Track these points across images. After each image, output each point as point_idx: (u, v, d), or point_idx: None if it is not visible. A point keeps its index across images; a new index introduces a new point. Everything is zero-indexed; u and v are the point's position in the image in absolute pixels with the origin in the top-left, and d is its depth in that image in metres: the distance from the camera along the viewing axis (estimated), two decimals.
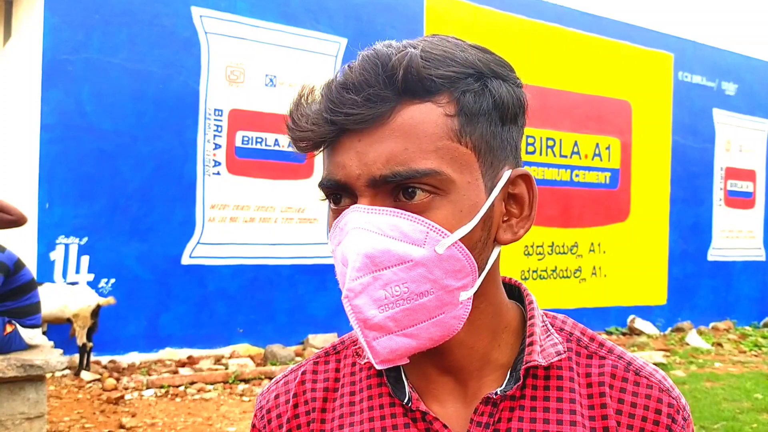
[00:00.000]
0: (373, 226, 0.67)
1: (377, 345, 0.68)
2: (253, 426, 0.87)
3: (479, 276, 0.71)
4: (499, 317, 0.77)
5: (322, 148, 0.73)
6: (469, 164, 0.69)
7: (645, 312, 11.28)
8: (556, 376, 0.76)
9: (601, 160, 11.01)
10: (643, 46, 11.52)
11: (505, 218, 0.74)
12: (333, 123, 0.68)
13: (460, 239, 0.68)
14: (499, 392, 0.74)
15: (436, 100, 0.68)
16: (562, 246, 10.48)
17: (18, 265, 4.90)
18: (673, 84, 11.92)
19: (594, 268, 10.85)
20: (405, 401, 0.76)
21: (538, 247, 10.24)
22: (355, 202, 0.69)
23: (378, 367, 0.70)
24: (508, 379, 0.75)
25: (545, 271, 10.33)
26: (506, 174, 0.73)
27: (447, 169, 0.67)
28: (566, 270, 10.56)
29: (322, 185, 0.72)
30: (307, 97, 0.72)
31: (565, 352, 0.77)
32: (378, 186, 0.67)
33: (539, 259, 10.26)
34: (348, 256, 0.67)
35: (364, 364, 0.81)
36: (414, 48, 0.68)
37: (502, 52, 0.77)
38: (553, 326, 0.80)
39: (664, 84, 11.81)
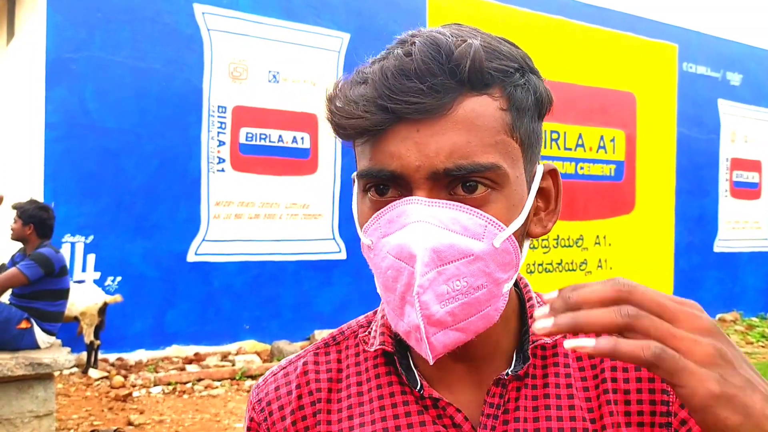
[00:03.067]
0: (435, 220, 0.65)
1: (435, 341, 0.67)
2: (251, 420, 0.84)
3: (518, 268, 0.72)
4: (509, 303, 0.77)
5: (365, 138, 0.69)
6: (518, 159, 0.70)
7: None
8: (552, 354, 0.77)
9: (605, 152, 10.98)
10: (647, 37, 11.47)
11: (535, 212, 0.76)
12: (391, 111, 0.66)
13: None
14: (510, 372, 0.75)
15: (491, 93, 0.68)
16: (568, 239, 10.47)
17: (63, 270, 5.05)
18: (677, 75, 11.87)
19: (600, 260, 10.83)
20: (417, 388, 0.76)
21: (543, 240, 10.22)
22: (404, 194, 0.68)
23: (431, 361, 0.69)
24: (516, 360, 0.76)
25: (551, 264, 10.32)
26: (540, 169, 0.75)
27: (504, 163, 0.68)
28: (572, 263, 10.54)
29: (368, 175, 0.69)
30: (350, 83, 0.70)
31: None
32: (437, 178, 0.66)
33: (544, 252, 10.25)
34: (415, 251, 0.65)
35: (372, 352, 0.80)
36: (473, 38, 0.68)
37: None
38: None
39: (668, 75, 11.76)
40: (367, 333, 0.83)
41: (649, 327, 0.50)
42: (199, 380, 6.77)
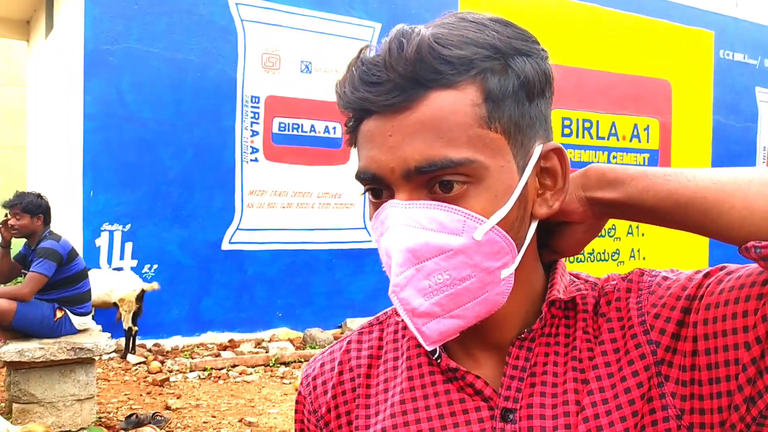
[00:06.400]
0: (411, 221, 0.69)
1: (427, 329, 0.70)
2: (299, 393, 0.90)
3: (519, 252, 0.73)
4: (535, 282, 0.79)
5: (351, 130, 0.75)
6: (501, 148, 0.70)
7: None
8: (582, 318, 0.78)
9: (639, 141, 10.85)
10: (683, 24, 11.28)
11: (540, 192, 0.75)
12: (359, 106, 0.71)
13: (497, 223, 0.69)
14: (526, 331, 0.76)
15: (460, 86, 0.68)
16: None
17: (71, 254, 5.07)
18: (714, 62, 11.67)
19: (632, 250, 10.73)
20: (435, 357, 0.79)
21: None
22: (393, 196, 0.71)
23: (428, 348, 0.72)
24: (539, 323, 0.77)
25: (582, 254, 10.25)
26: (537, 150, 0.73)
27: (480, 156, 0.68)
28: (604, 253, 10.47)
29: (358, 178, 0.74)
30: (349, 70, 0.74)
31: (586, 290, 0.79)
32: (413, 178, 0.69)
33: None
34: (391, 252, 0.70)
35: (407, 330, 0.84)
36: (432, 33, 0.68)
37: (538, 32, 0.77)
38: (578, 279, 0.83)
39: (704, 62, 11.56)
40: None
41: None
42: (234, 366, 6.90)
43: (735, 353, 0.67)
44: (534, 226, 0.75)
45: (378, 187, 0.73)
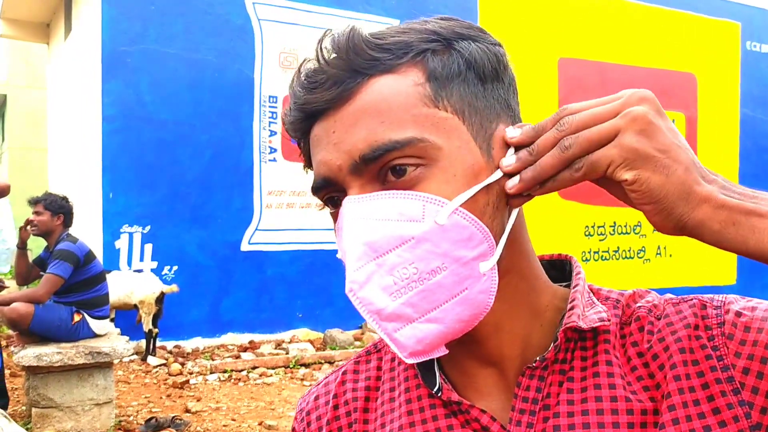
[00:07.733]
0: (366, 213, 0.62)
1: (400, 336, 0.62)
2: (293, 429, 0.84)
3: (498, 243, 0.64)
4: (536, 294, 0.70)
5: (301, 144, 0.72)
6: (455, 128, 0.64)
7: (713, 292, 10.83)
8: (603, 340, 0.69)
9: None
10: (708, 16, 11.06)
11: None
12: (300, 111, 0.68)
13: (462, 205, 0.62)
14: (538, 359, 0.67)
15: (400, 70, 0.65)
16: (625, 225, 10.21)
17: (88, 257, 5.04)
18: (740, 54, 11.43)
19: (659, 247, 10.54)
20: (435, 390, 0.70)
21: (599, 227, 9.99)
22: None
23: (408, 361, 0.63)
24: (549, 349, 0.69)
25: (607, 251, 10.08)
26: (505, 130, 0.67)
27: (430, 135, 0.63)
28: (629, 250, 10.28)
29: (313, 190, 0.69)
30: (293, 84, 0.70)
31: (608, 319, 0.69)
32: (362, 171, 0.63)
33: (601, 240, 10.02)
34: (346, 249, 0.63)
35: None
36: (368, 31, 0.67)
37: (560, 27, 0.70)
38: (598, 298, 0.73)
39: (731, 54, 11.33)
40: None
41: (573, 123, 0.59)
42: (254, 368, 6.85)
43: None
44: (514, 214, 0.67)
45: (333, 194, 0.68)
